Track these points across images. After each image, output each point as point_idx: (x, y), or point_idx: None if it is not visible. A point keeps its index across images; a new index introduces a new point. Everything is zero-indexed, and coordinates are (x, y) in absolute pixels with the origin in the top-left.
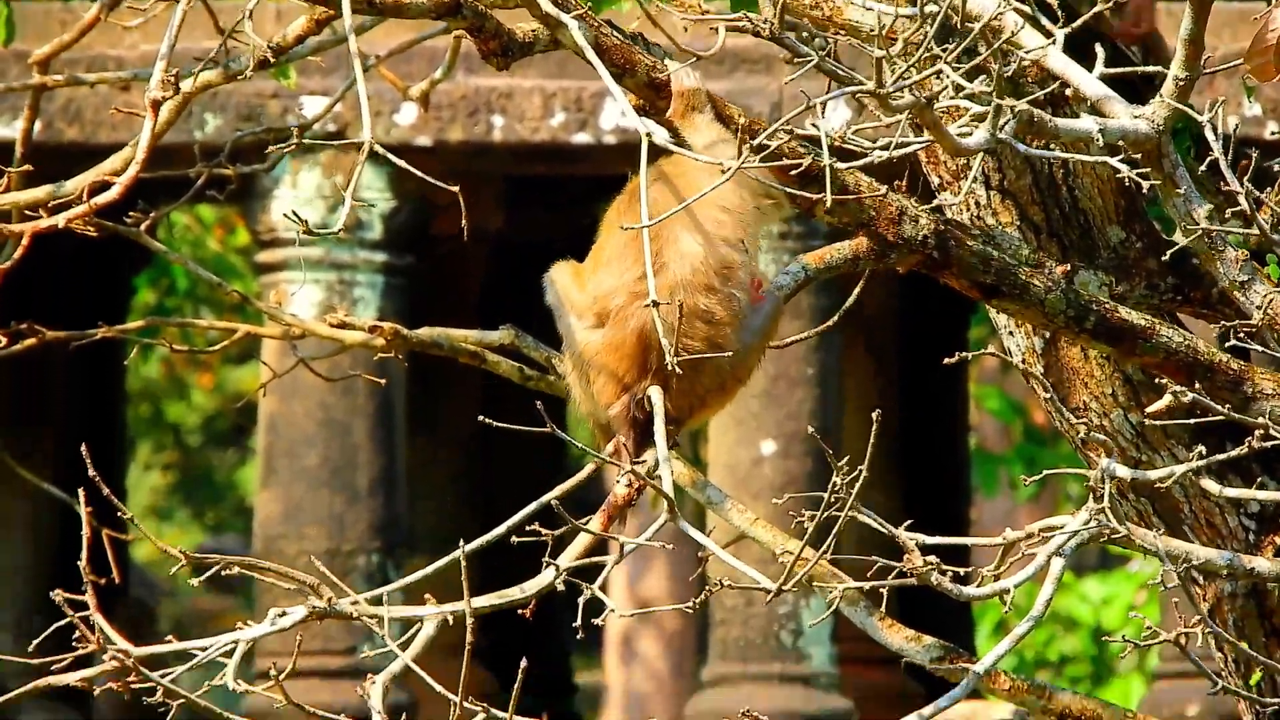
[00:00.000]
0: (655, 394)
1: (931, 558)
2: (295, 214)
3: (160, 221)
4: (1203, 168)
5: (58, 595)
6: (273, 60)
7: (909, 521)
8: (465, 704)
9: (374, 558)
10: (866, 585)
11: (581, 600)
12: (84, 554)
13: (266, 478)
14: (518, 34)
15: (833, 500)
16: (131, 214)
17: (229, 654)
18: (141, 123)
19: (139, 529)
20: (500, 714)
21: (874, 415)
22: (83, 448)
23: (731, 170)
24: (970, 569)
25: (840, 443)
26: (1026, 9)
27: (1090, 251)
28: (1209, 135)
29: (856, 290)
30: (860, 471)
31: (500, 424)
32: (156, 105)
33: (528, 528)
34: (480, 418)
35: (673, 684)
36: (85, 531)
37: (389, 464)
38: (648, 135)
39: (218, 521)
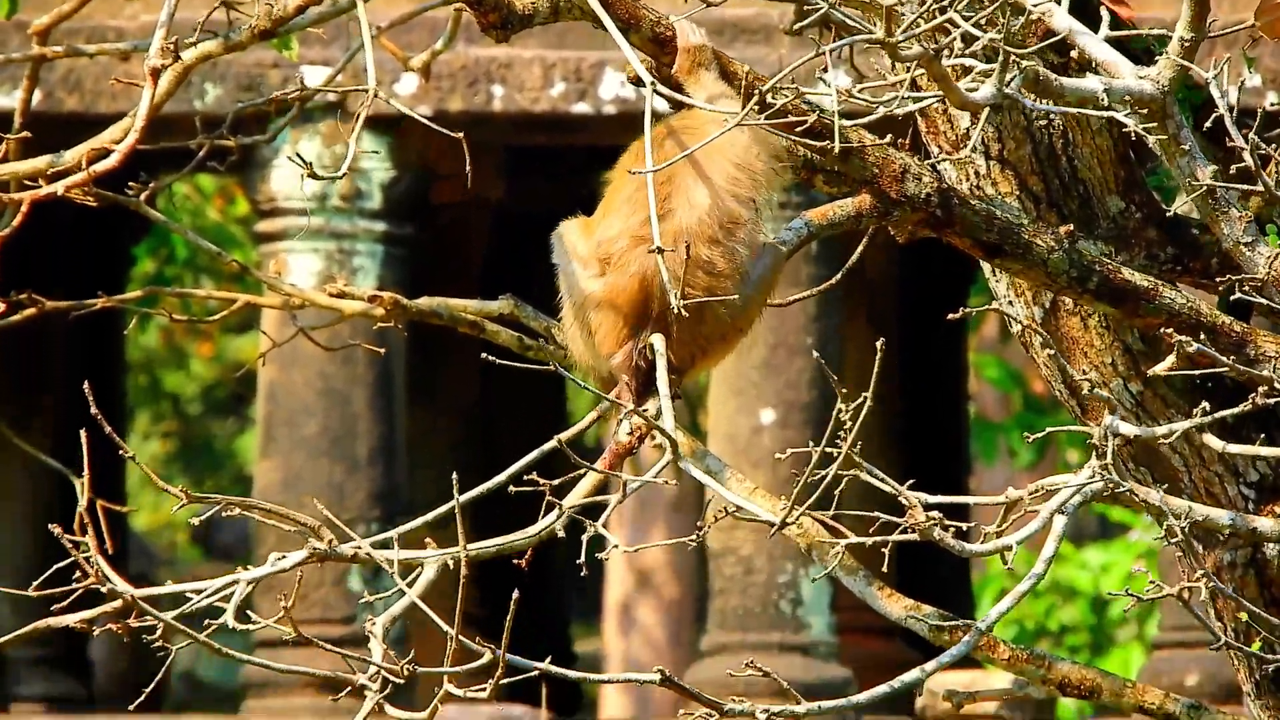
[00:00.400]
0: (658, 341)
1: (934, 513)
2: (299, 156)
3: (160, 191)
4: (1208, 123)
5: (57, 529)
6: (273, 30)
7: (911, 481)
8: (466, 641)
9: (373, 527)
10: (869, 541)
11: (585, 537)
12: (81, 517)
13: (266, 447)
14: (517, 6)
15: (833, 459)
16: (131, 184)
17: (228, 599)
18: (141, 93)
19: (138, 463)
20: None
21: (873, 381)
22: (81, 428)
23: (736, 120)
24: (972, 525)
25: (839, 408)
26: None
27: (1089, 221)
28: (1214, 93)
29: (859, 249)
30: (859, 424)
31: (501, 388)
32: (156, 75)
33: (525, 478)
34: (481, 392)
35: (671, 653)
36: (82, 501)
37: (388, 433)
38: (653, 85)
39: (217, 490)
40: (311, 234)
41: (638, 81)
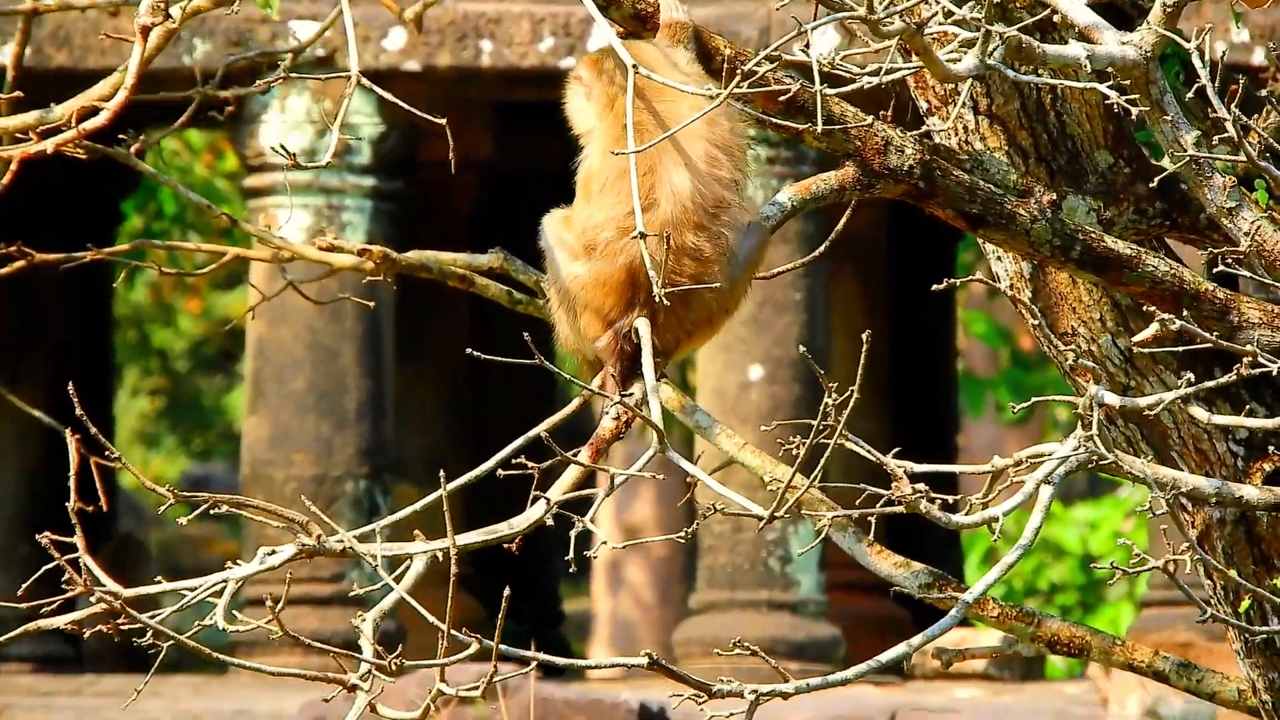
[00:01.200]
0: (643, 325)
1: (920, 485)
2: (283, 148)
3: (151, 146)
4: (1190, 94)
5: (45, 538)
6: None
7: (897, 449)
8: (455, 633)
9: (361, 484)
10: (855, 514)
11: (572, 534)
12: (71, 488)
13: (254, 403)
14: None
15: (821, 427)
16: (121, 136)
17: (218, 594)
18: (131, 48)
19: (129, 469)
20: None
21: (863, 337)
22: (71, 383)
23: (716, 101)
24: (959, 496)
25: (828, 368)
26: None
27: (1078, 177)
28: (1196, 62)
29: (843, 220)
30: (851, 393)
31: (489, 356)
32: (146, 31)
33: (515, 461)
34: (469, 348)
35: (660, 611)
36: (73, 462)
37: (377, 389)
38: (634, 68)
39: (205, 448)
40: (300, 189)
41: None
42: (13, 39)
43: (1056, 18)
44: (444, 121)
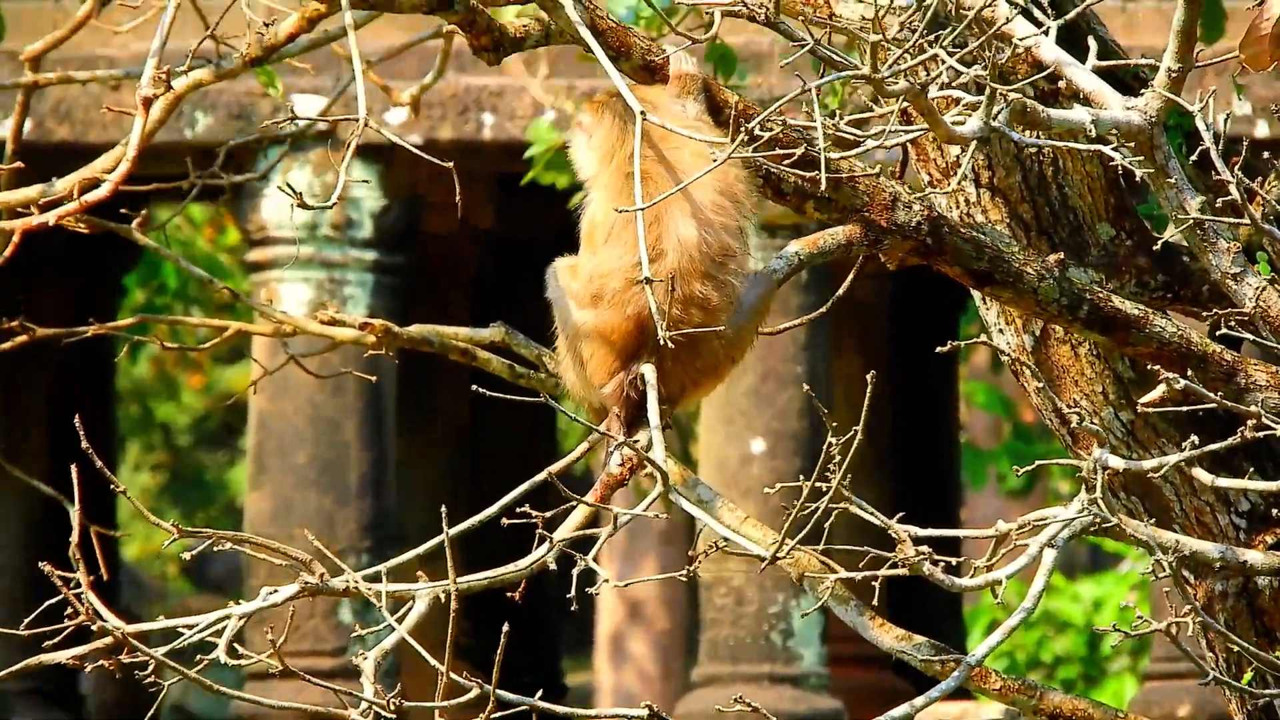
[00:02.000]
0: (648, 371)
1: (924, 548)
2: (289, 186)
3: (155, 228)
4: (1193, 158)
5: (47, 567)
6: (264, 58)
7: (901, 514)
8: (455, 677)
9: (364, 558)
10: (859, 575)
11: (574, 572)
12: (74, 546)
13: (256, 477)
14: (509, 29)
15: (824, 489)
16: (123, 210)
17: (219, 634)
18: (132, 122)
19: (132, 501)
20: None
21: (863, 415)
22: (72, 458)
23: (727, 153)
24: (962, 559)
25: (830, 442)
26: (1019, 1)
27: (1080, 249)
28: (1200, 125)
29: (849, 278)
30: (854, 438)
31: (491, 393)
32: (148, 103)
33: (518, 510)
34: (470, 420)
35: (663, 684)
36: (75, 529)
37: (379, 462)
38: (642, 114)
39: (208, 522)
40: (302, 263)
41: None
42: (13, 112)
43: (1060, 84)
44: (457, 196)
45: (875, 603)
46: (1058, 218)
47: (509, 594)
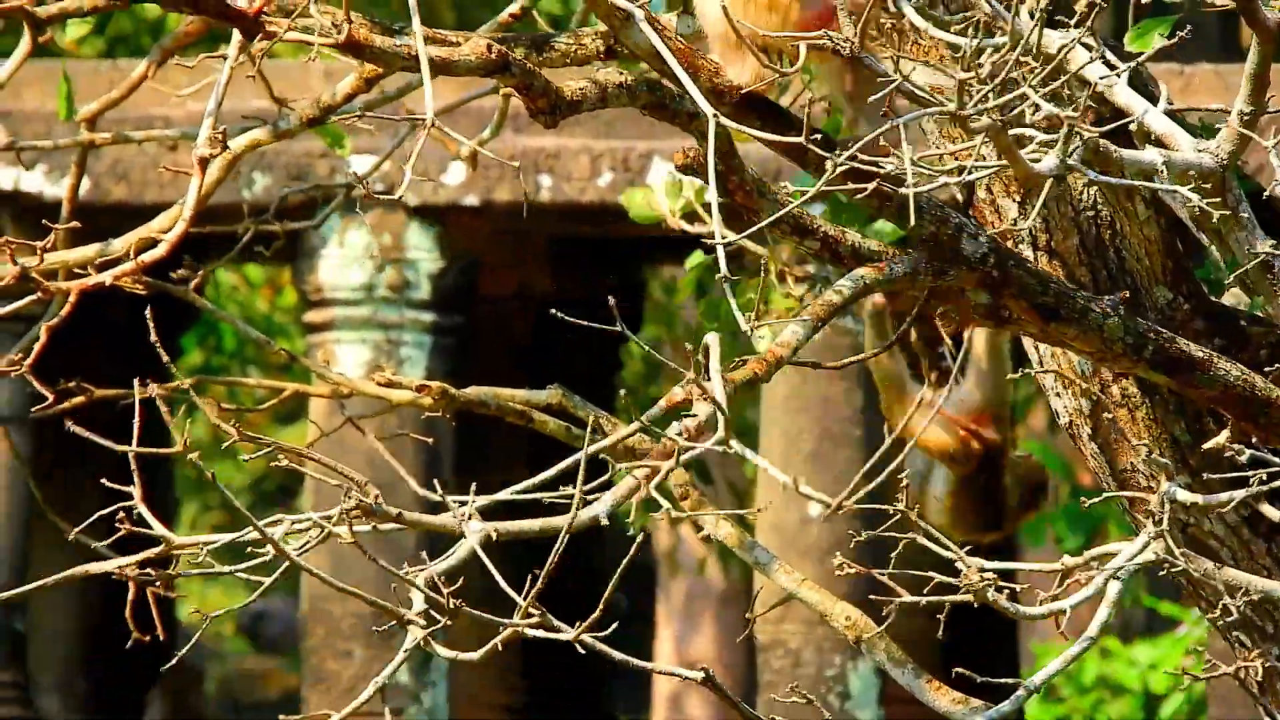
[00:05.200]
0: (712, 340)
1: (988, 574)
2: (355, 173)
3: (207, 280)
4: (1266, 193)
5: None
6: (322, 118)
7: (967, 546)
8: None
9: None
10: (922, 599)
11: (636, 497)
12: (130, 606)
13: None
14: (565, 91)
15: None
16: (179, 272)
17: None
18: (189, 182)
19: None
20: None
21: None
22: (129, 524)
23: (814, 189)
24: (1023, 586)
25: (888, 500)
26: (1093, 43)
27: (1138, 312)
28: (1274, 160)
29: (911, 315)
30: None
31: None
32: (204, 163)
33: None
34: (526, 477)
35: None
36: (130, 590)
37: None
38: (715, 115)
39: (259, 592)
40: (359, 324)
41: (687, 170)
42: (70, 172)
43: (1131, 127)
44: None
45: (930, 657)
46: (1115, 281)
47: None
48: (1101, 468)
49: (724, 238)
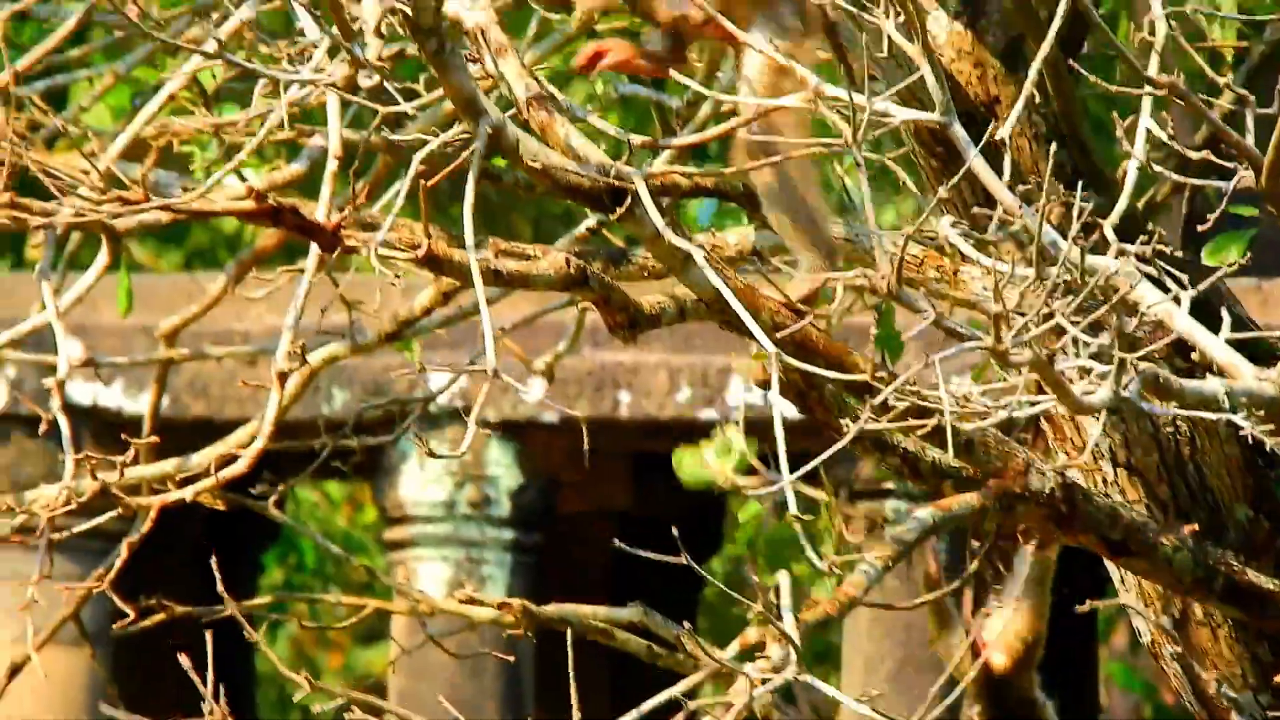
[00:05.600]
0: (783, 579)
1: None
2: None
3: (287, 496)
4: None
5: None
6: (399, 333)
7: None
8: None
9: None
10: None
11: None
12: None
13: None
14: (644, 306)
15: None
16: (259, 487)
17: None
18: (268, 397)
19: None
20: None
21: None
22: None
23: (858, 425)
24: None
25: None
26: (1150, 270)
27: (1218, 530)
28: None
29: (980, 552)
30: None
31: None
32: (283, 378)
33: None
34: (609, 696)
35: None
36: None
37: None
38: (777, 355)
39: None
40: (440, 542)
41: (764, 385)
42: (150, 388)
43: (1193, 355)
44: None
45: None
46: (1195, 498)
47: None
48: (1184, 686)
49: (785, 482)
